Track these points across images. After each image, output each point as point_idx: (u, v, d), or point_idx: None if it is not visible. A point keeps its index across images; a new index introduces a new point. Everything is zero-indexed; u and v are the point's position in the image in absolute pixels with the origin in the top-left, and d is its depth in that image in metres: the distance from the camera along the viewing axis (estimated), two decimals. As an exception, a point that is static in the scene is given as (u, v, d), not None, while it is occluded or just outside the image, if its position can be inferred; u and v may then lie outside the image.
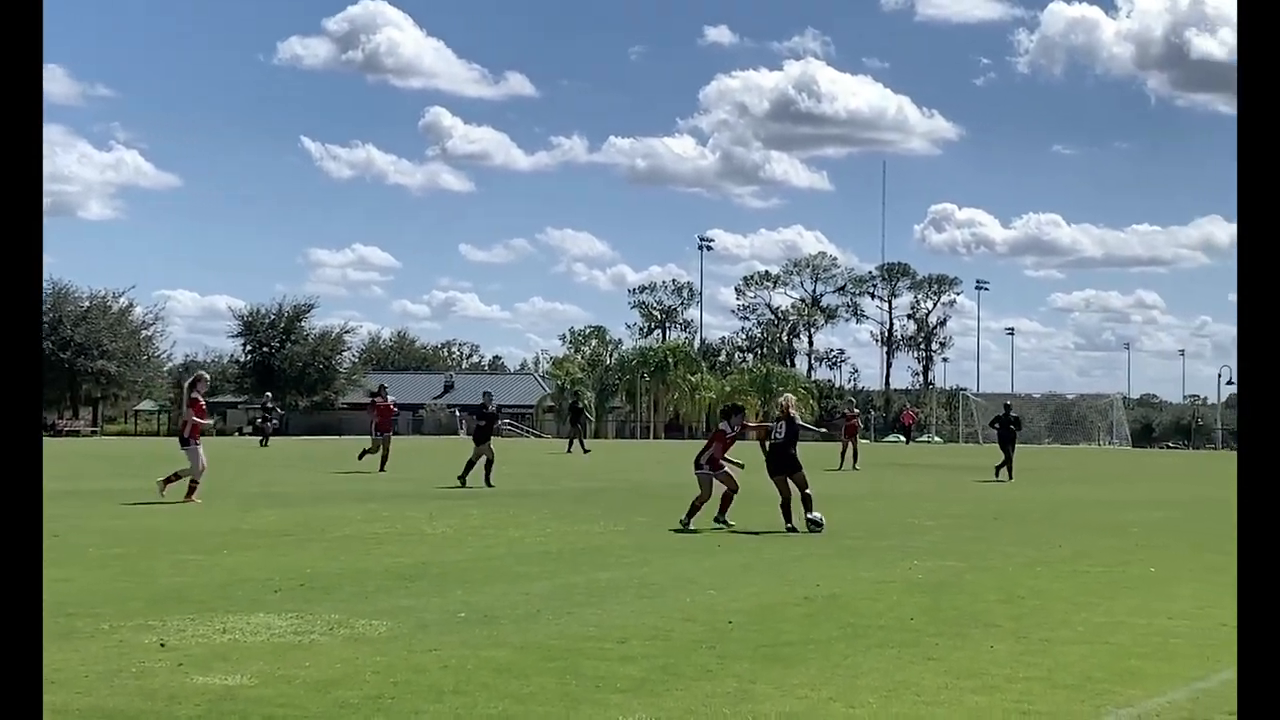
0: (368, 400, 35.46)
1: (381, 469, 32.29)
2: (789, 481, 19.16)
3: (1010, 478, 34.02)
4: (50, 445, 45.20)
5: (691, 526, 18.65)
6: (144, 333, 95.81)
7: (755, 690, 8.31)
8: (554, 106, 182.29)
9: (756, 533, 18.32)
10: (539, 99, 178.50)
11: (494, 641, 9.75)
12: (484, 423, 28.52)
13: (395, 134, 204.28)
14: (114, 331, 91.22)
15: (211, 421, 24.92)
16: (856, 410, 44.52)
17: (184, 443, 22.87)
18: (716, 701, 7.98)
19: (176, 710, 7.49)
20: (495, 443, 28.47)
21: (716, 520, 19.07)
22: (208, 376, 25.57)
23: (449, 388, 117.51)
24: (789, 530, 18.41)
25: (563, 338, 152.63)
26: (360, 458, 34.61)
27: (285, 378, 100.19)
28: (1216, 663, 9.57)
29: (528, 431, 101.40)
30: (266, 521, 18.91)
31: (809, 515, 18.65)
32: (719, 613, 11.24)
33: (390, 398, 35.07)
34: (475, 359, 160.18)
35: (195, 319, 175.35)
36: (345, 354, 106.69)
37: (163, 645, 9.35)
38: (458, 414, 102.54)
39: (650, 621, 10.75)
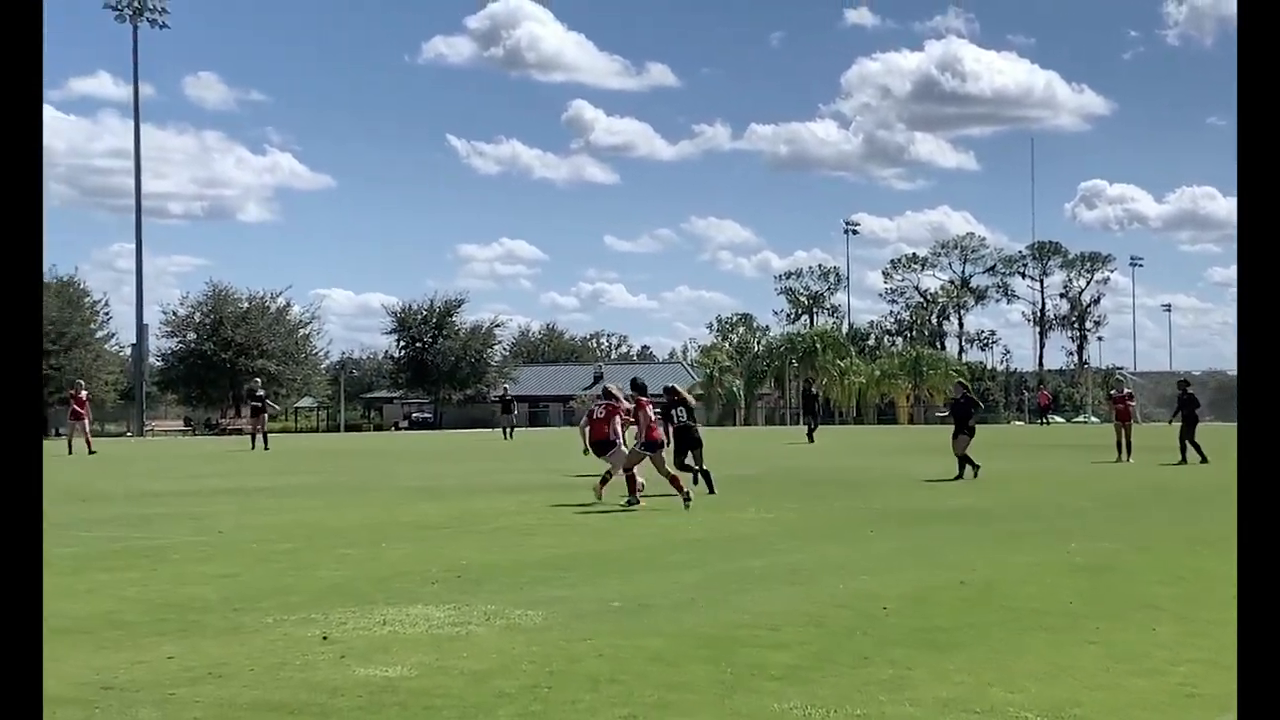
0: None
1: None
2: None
3: (1183, 459, 32.04)
4: (212, 443, 46.19)
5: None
6: (301, 331, 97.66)
7: (912, 676, 8.23)
8: (696, 95, 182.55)
9: (904, 517, 18.16)
10: (680, 88, 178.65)
11: (648, 630, 9.76)
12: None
13: (539, 128, 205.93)
14: (272, 331, 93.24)
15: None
16: (1128, 390, 35.98)
17: (606, 447, 22.46)
18: (872, 688, 7.91)
19: (339, 702, 7.60)
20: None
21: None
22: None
23: (598, 378, 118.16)
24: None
25: (710, 326, 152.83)
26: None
27: (438, 373, 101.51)
28: (1389, 643, 9.28)
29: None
30: (423, 514, 19.14)
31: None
32: (873, 599, 11.15)
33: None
34: (624, 349, 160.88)
35: (350, 316, 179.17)
36: (496, 348, 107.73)
37: (325, 638, 9.49)
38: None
39: (803, 608, 10.69)
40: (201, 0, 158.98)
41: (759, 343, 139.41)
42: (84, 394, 41.85)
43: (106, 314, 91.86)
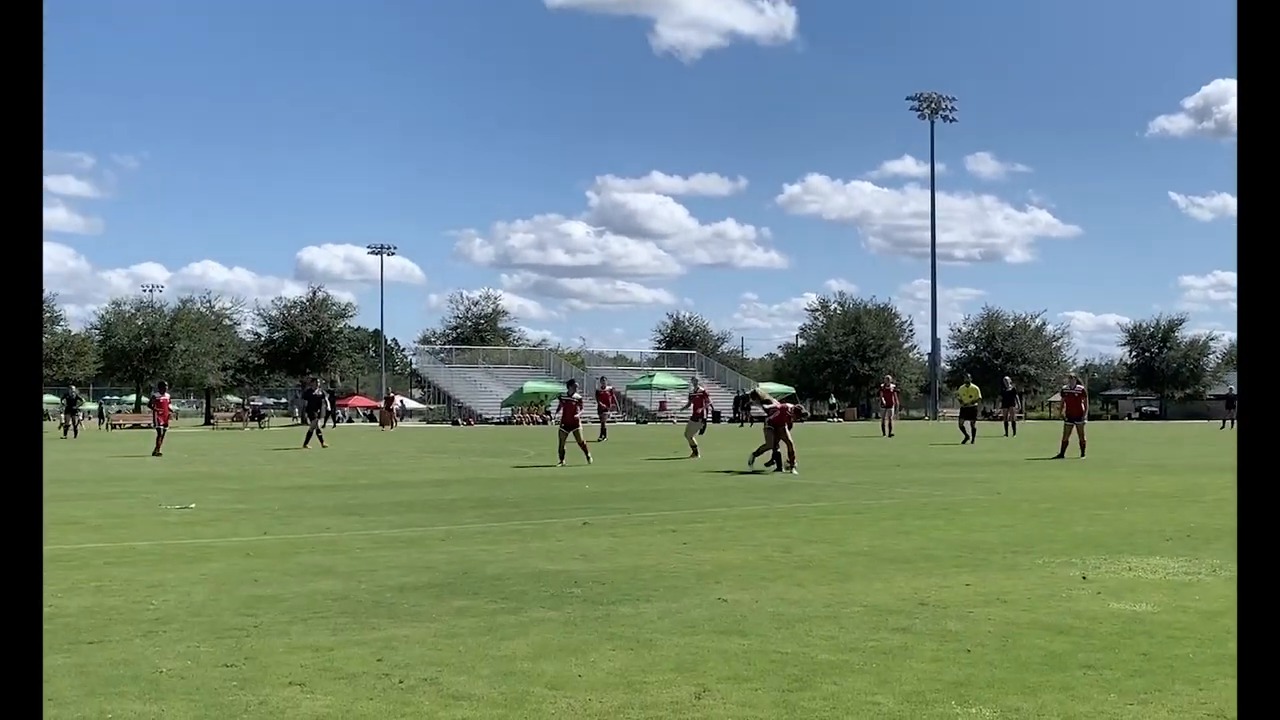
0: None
1: None
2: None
3: None
4: (983, 427, 45.94)
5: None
6: (1054, 344, 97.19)
7: None
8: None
9: None
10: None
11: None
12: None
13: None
14: (1032, 344, 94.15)
15: None
16: None
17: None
18: None
19: (1099, 628, 7.37)
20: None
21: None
22: None
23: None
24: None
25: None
26: None
27: (1163, 375, 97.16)
28: None
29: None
30: (1155, 486, 18.06)
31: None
32: None
33: None
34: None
35: (1091, 332, 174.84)
36: (1210, 356, 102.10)
37: (1084, 578, 9.22)
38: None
39: None
40: (980, 98, 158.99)
41: None
42: (892, 386, 43.28)
43: (911, 330, 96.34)
